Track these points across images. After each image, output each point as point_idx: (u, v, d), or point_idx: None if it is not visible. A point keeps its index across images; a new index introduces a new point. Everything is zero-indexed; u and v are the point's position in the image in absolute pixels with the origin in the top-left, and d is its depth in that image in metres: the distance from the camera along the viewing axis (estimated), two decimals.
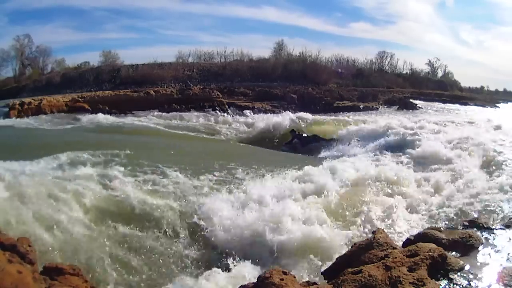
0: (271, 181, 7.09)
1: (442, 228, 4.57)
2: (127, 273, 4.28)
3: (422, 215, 5.91)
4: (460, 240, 3.71)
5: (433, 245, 3.24)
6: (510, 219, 4.81)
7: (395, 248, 3.35)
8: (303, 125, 18.65)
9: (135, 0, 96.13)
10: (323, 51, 66.43)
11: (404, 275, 2.82)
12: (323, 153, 12.86)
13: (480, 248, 3.65)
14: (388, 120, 16.96)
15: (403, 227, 5.32)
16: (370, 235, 3.74)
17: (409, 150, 10.43)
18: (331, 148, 13.49)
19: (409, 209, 6.10)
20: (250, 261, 4.47)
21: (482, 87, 71.11)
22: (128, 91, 30.98)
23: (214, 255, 4.91)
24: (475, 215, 5.25)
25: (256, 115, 23.55)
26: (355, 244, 3.62)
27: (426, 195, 6.76)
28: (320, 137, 15.28)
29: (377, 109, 32.96)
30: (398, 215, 5.64)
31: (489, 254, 3.54)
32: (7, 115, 20.17)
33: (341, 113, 28.50)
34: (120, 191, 5.69)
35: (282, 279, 2.82)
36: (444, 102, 43.00)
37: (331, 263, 3.69)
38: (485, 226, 4.36)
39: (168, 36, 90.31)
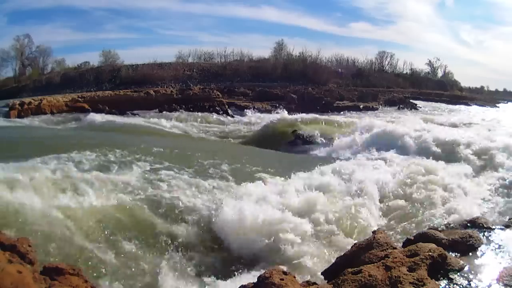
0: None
1: (442, 228, 4.58)
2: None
3: None
4: (460, 240, 3.71)
5: (433, 245, 3.24)
6: (510, 219, 4.81)
7: (395, 248, 3.35)
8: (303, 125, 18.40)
9: (134, 0, 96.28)
10: (323, 51, 66.69)
11: (404, 275, 2.82)
12: (325, 153, 12.81)
13: (480, 248, 3.65)
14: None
15: None
16: None
17: None
18: (331, 147, 13.45)
19: None
20: None
21: (482, 87, 71.30)
22: (128, 91, 31.02)
23: None
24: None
25: (256, 114, 23.57)
26: (355, 244, 3.62)
27: None
28: (321, 137, 15.22)
29: (377, 109, 32.98)
30: None
31: (489, 254, 3.54)
32: (7, 115, 20.18)
33: (341, 112, 28.54)
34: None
35: (282, 279, 2.82)
36: (444, 102, 43.04)
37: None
38: (485, 226, 4.35)
39: (168, 36, 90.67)
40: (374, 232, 3.69)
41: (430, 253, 3.06)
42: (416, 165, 8.06)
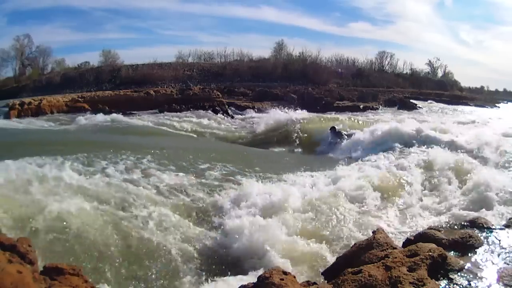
0: None
1: (442, 228, 4.57)
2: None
3: None
4: (460, 240, 3.70)
5: (433, 245, 3.24)
6: (510, 219, 4.80)
7: (395, 248, 3.35)
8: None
9: (134, 0, 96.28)
10: (323, 51, 66.69)
11: (404, 275, 2.82)
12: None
13: (480, 248, 3.65)
14: None
15: None
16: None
17: None
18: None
19: None
20: None
21: (482, 87, 71.13)
22: (128, 91, 31.00)
23: None
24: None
25: (260, 114, 23.35)
26: (355, 244, 3.62)
27: None
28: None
29: (377, 109, 32.95)
30: None
31: (489, 254, 3.54)
32: (7, 115, 20.16)
33: (340, 113, 28.45)
34: None
35: (282, 279, 2.81)
36: (444, 102, 42.98)
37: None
38: (485, 226, 4.35)
39: (168, 36, 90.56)
40: (374, 232, 3.69)
41: (430, 253, 3.06)
42: None
